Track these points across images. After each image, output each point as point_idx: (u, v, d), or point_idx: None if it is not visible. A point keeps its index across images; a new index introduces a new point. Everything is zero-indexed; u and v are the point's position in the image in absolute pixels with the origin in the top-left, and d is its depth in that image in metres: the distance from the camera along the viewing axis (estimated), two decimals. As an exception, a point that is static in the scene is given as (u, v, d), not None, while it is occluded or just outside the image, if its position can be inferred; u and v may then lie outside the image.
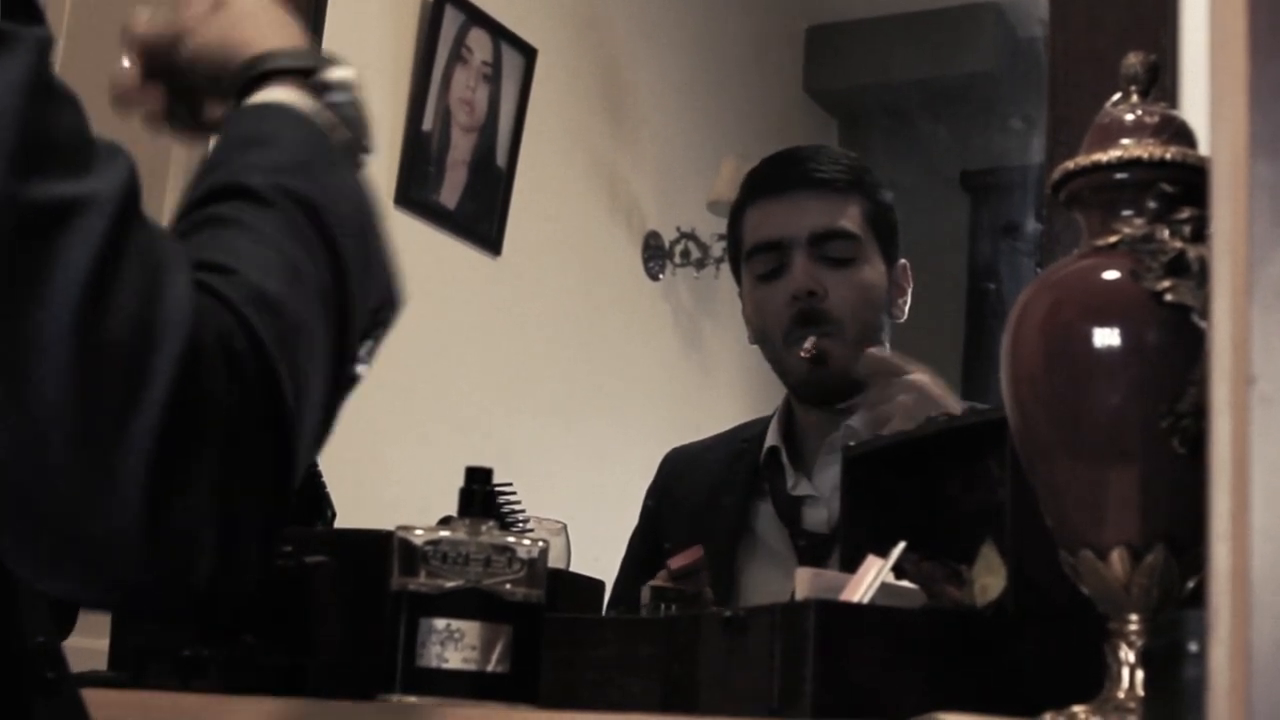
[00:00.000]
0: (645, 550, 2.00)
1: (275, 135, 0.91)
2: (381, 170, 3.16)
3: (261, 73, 0.95)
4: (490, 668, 1.08)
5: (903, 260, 1.96)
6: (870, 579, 1.06)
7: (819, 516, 1.88)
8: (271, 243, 0.83)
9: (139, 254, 0.72)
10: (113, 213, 0.72)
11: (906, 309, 1.96)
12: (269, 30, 0.98)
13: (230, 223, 0.83)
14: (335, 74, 0.96)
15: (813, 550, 1.83)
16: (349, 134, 0.95)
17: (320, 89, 0.95)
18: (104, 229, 0.71)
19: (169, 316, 0.72)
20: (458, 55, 3.30)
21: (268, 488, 0.76)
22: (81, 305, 0.69)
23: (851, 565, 1.12)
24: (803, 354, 1.84)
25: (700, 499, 1.98)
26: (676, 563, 1.36)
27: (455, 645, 1.08)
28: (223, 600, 0.77)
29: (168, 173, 2.28)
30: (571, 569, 1.57)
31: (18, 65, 0.71)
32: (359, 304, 0.89)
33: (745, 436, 2.02)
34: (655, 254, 4.04)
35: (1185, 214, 0.85)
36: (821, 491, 1.88)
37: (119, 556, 0.71)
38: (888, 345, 1.93)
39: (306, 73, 0.95)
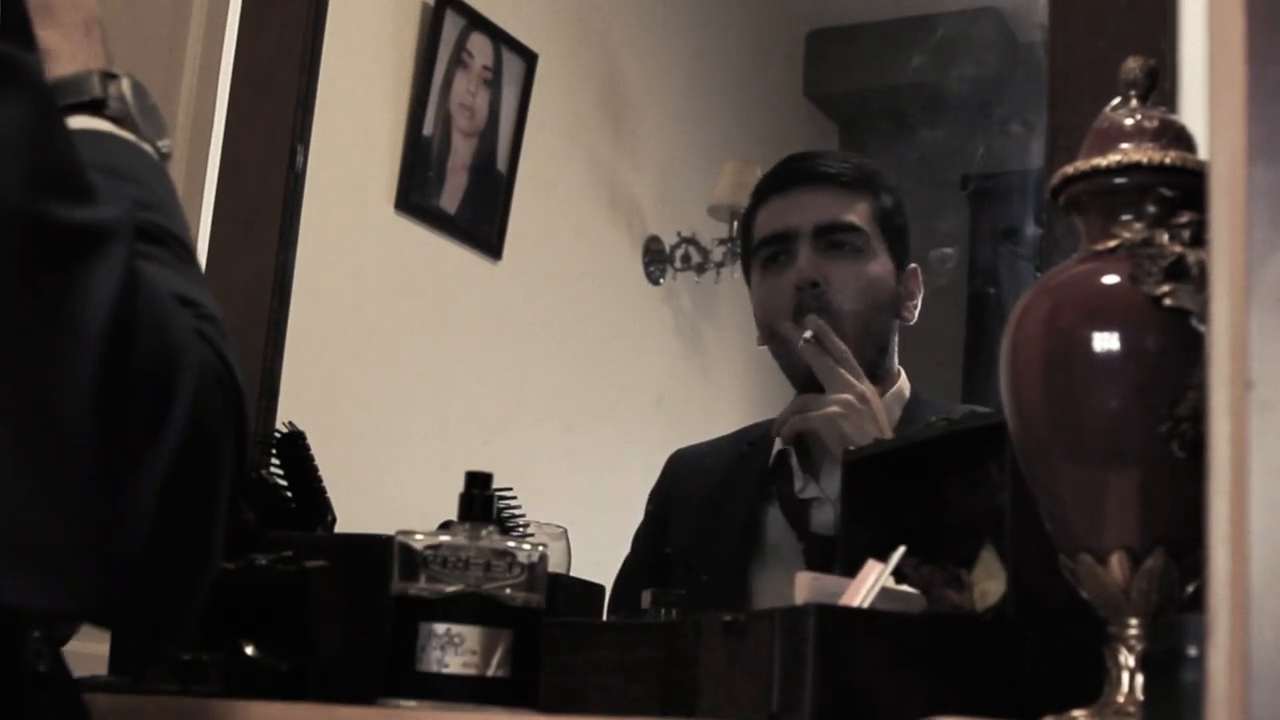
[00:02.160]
0: (649, 552, 2.00)
1: (123, 168, 0.89)
2: (382, 175, 3.16)
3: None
4: (490, 672, 1.08)
5: (913, 264, 1.96)
6: (870, 583, 1.06)
7: (826, 519, 1.87)
8: (184, 272, 0.84)
9: (147, 285, 0.73)
10: (129, 242, 0.72)
11: (917, 313, 1.96)
12: (54, 31, 0.93)
13: (144, 255, 0.83)
14: (123, 91, 0.94)
15: (817, 553, 1.82)
16: (163, 146, 0.94)
17: (125, 116, 0.93)
18: (125, 258, 0.71)
19: (182, 351, 0.73)
20: (458, 60, 3.30)
21: (229, 505, 0.79)
22: (109, 335, 0.69)
23: (852, 569, 1.12)
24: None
25: (706, 501, 1.98)
26: None
27: (455, 650, 1.07)
28: (198, 612, 0.79)
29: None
30: (572, 573, 1.57)
31: (28, 94, 0.71)
32: None
33: (751, 439, 2.02)
34: (656, 258, 4.04)
35: (1184, 218, 0.85)
36: (829, 494, 1.88)
37: (118, 584, 0.72)
38: (895, 346, 1.94)
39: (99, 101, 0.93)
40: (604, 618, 1.58)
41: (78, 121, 0.91)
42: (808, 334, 1.82)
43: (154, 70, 2.31)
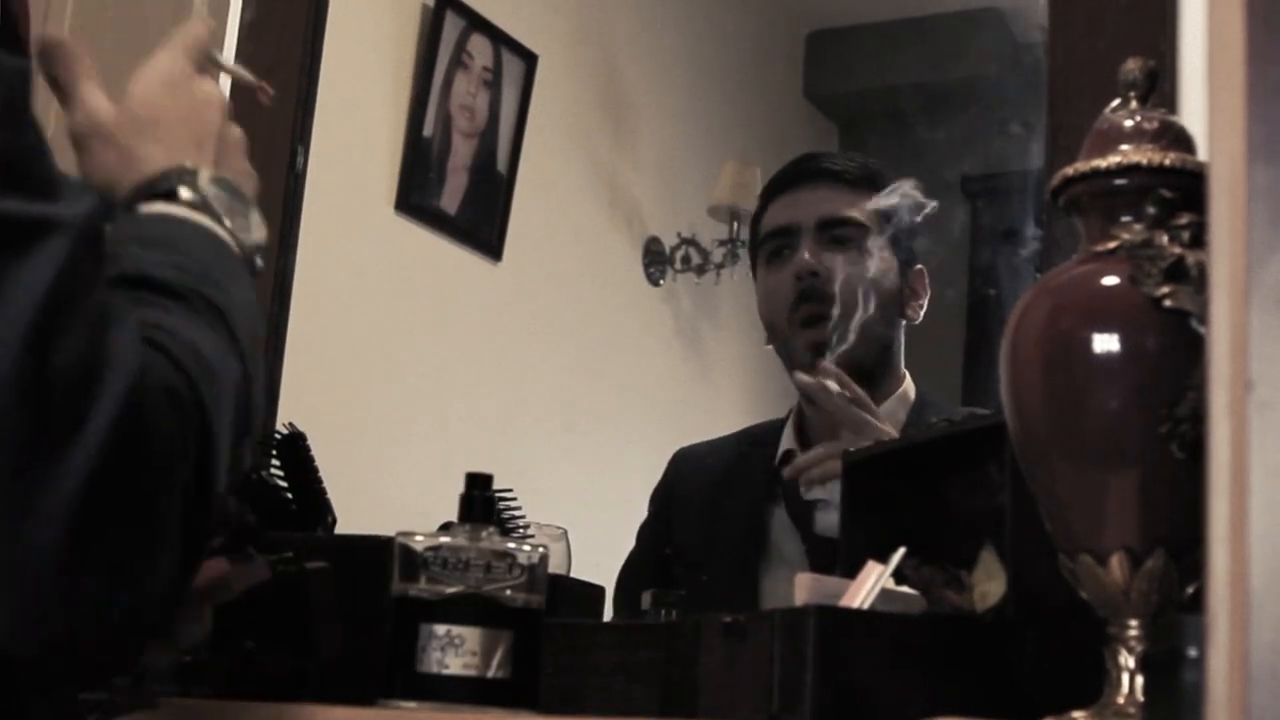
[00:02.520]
0: (651, 550, 2.01)
1: (176, 241, 0.90)
2: (382, 176, 3.16)
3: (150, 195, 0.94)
4: (490, 674, 1.08)
5: (919, 266, 1.98)
6: (870, 584, 1.06)
7: (830, 520, 1.87)
8: (195, 322, 0.83)
9: (94, 288, 0.72)
10: (77, 239, 0.70)
11: (922, 313, 1.98)
12: (157, 145, 0.96)
13: (151, 303, 0.82)
14: (202, 183, 0.95)
15: (820, 554, 1.83)
16: (246, 238, 0.95)
17: (200, 203, 0.94)
18: (67, 253, 0.69)
19: (117, 354, 0.71)
20: (458, 61, 3.31)
21: (185, 545, 0.76)
22: (36, 328, 0.67)
23: (852, 571, 1.12)
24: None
25: (709, 500, 1.99)
26: None
27: (455, 651, 1.07)
28: (136, 640, 0.76)
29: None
30: (572, 574, 1.57)
31: None
32: (255, 411, 0.88)
33: (755, 439, 2.03)
34: (656, 259, 4.04)
35: (1184, 219, 0.85)
36: (834, 496, 1.88)
37: (35, 593, 0.69)
38: (900, 346, 1.94)
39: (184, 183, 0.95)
40: (604, 618, 1.59)
41: (151, 208, 0.92)
42: (831, 385, 1.81)
43: (154, 71, 2.31)
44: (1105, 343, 0.85)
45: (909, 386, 1.95)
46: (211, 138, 0.99)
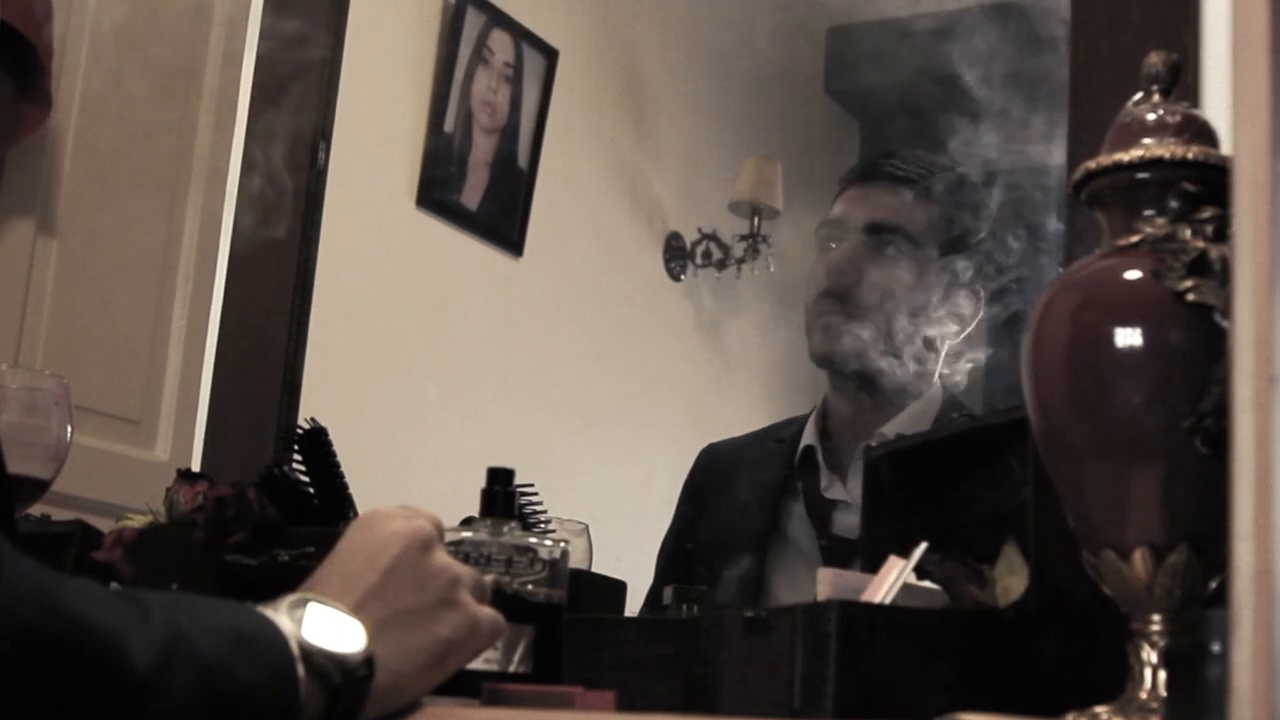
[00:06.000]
0: (676, 546, 2.01)
1: (201, 602, 0.85)
2: (403, 171, 3.17)
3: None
4: (512, 668, 1.08)
5: (978, 287, 1.97)
6: (892, 579, 1.06)
7: (849, 521, 1.88)
8: (97, 597, 0.78)
9: None
10: None
11: (963, 336, 1.96)
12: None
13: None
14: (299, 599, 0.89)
15: (836, 554, 1.83)
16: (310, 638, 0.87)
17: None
18: None
19: None
20: (479, 57, 3.31)
21: None
22: None
23: (873, 566, 1.12)
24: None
25: (734, 496, 1.99)
26: None
27: (477, 645, 1.07)
28: None
29: (186, 205, 2.29)
30: (593, 569, 1.57)
31: None
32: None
33: (780, 436, 2.03)
34: (677, 255, 4.04)
35: (1207, 213, 0.85)
36: (855, 498, 1.88)
37: None
38: (935, 357, 1.94)
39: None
40: (626, 613, 1.59)
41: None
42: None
43: (177, 68, 2.32)
44: (1128, 337, 0.85)
45: (938, 390, 1.95)
46: (374, 597, 0.94)
